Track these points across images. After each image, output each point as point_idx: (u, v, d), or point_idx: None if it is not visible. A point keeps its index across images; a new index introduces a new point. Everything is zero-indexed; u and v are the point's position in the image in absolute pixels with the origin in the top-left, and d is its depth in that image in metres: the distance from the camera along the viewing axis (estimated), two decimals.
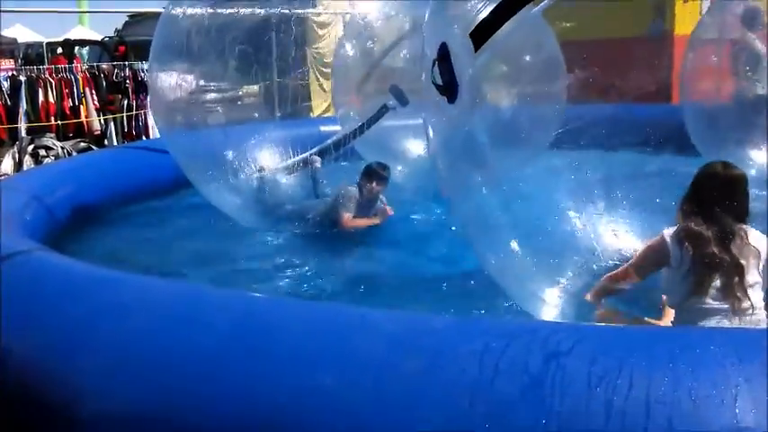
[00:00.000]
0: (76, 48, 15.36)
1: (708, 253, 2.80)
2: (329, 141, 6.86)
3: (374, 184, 5.79)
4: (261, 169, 6.48)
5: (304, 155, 6.67)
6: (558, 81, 5.42)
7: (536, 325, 2.12)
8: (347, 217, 5.73)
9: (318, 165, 6.59)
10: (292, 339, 2.18)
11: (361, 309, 2.49)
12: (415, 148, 7.61)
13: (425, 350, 1.96)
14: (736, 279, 2.77)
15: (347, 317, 2.30)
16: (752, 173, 4.90)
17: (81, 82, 11.73)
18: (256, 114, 8.07)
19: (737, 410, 1.64)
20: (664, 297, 3.15)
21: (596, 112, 4.82)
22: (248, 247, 5.79)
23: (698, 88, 6.86)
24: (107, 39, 16.12)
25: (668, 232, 2.94)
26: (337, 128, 7.96)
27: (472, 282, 4.24)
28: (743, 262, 2.81)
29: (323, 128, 8.45)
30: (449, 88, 3.23)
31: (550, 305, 3.37)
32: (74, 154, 10.16)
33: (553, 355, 1.82)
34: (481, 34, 3.10)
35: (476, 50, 3.12)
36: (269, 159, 6.77)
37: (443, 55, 3.24)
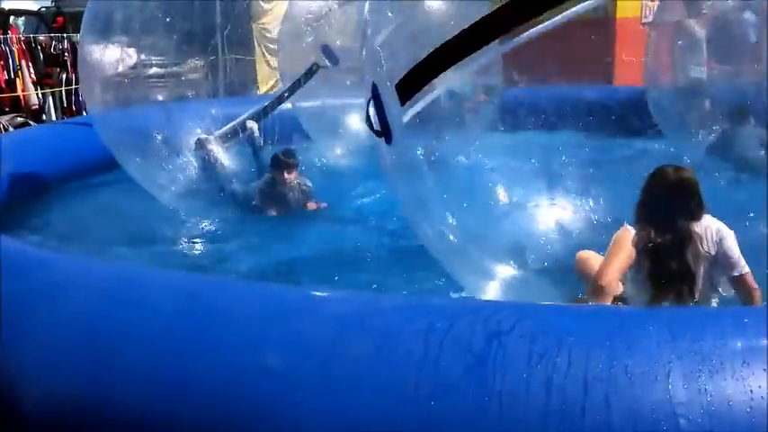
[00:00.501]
0: (11, 18, 14.80)
1: (664, 267, 2.86)
2: (263, 104, 6.78)
3: (285, 174, 5.78)
4: (198, 141, 6.35)
5: (238, 119, 6.59)
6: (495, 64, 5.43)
7: (479, 305, 2.17)
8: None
9: (256, 132, 6.53)
10: (238, 321, 2.18)
11: (308, 289, 2.51)
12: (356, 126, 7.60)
13: (371, 330, 1.99)
14: (686, 289, 2.86)
15: (293, 297, 2.31)
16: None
17: (17, 54, 11.33)
18: (195, 92, 7.94)
19: (670, 386, 1.71)
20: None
21: (540, 95, 4.89)
22: (188, 227, 5.76)
23: (660, 70, 6.99)
24: (44, 9, 15.56)
25: (632, 231, 2.98)
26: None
27: (414, 261, 4.30)
28: (694, 270, 2.87)
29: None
30: (384, 133, 3.07)
31: (492, 283, 3.43)
32: (10, 129, 9.88)
33: (495, 335, 1.87)
34: (408, 87, 2.87)
35: (402, 104, 2.93)
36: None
37: (375, 96, 3.07)
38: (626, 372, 1.75)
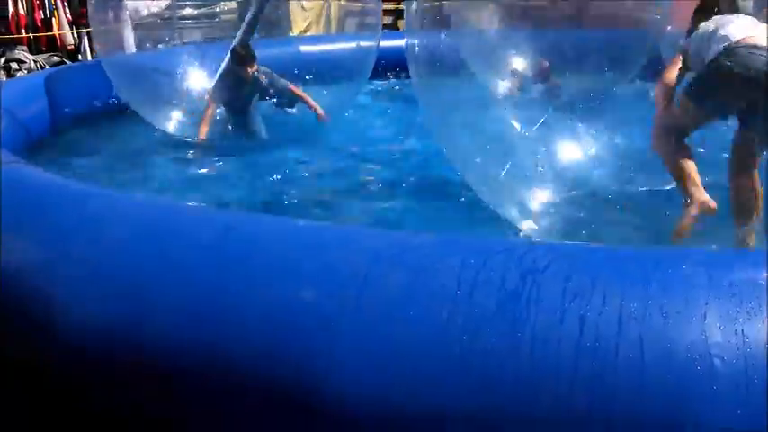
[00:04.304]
0: None
1: None
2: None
3: (247, 68, 6.16)
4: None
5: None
6: None
7: (514, 243, 2.16)
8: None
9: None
10: (274, 255, 2.20)
11: (344, 226, 2.52)
12: None
13: (405, 266, 1.99)
14: None
15: (326, 232, 2.32)
16: None
17: None
18: (228, 33, 8.02)
19: (706, 327, 1.70)
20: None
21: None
22: (220, 165, 5.86)
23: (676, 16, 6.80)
24: None
25: None
26: (316, 47, 7.93)
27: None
28: None
29: (302, 47, 8.33)
30: None
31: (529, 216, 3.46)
32: (47, 68, 9.95)
33: (529, 272, 1.86)
34: None
35: None
36: None
37: None
38: (661, 312, 1.74)
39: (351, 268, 2.01)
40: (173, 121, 6.56)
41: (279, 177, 5.53)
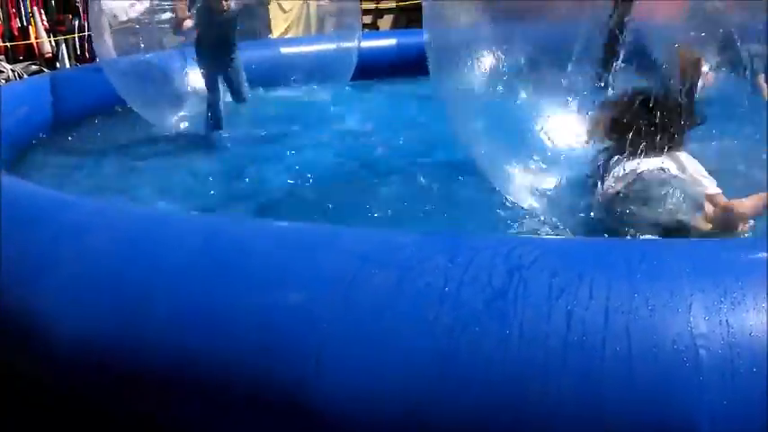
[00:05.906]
0: None
1: None
2: None
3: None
4: None
5: None
6: None
7: (499, 240, 2.17)
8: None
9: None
10: (261, 258, 2.19)
11: (330, 226, 2.52)
12: None
13: (392, 265, 1.99)
14: None
15: (315, 235, 2.32)
16: None
17: (29, 1, 11.24)
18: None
19: (691, 318, 1.71)
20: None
21: None
22: (201, 170, 5.86)
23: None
24: None
25: None
26: (297, 49, 7.96)
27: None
28: None
29: (283, 49, 8.34)
30: None
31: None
32: (25, 77, 9.88)
33: (516, 268, 1.87)
34: None
35: None
36: None
37: None
38: (647, 304, 1.75)
39: (338, 269, 2.01)
40: (171, 119, 6.63)
41: (267, 173, 5.55)
